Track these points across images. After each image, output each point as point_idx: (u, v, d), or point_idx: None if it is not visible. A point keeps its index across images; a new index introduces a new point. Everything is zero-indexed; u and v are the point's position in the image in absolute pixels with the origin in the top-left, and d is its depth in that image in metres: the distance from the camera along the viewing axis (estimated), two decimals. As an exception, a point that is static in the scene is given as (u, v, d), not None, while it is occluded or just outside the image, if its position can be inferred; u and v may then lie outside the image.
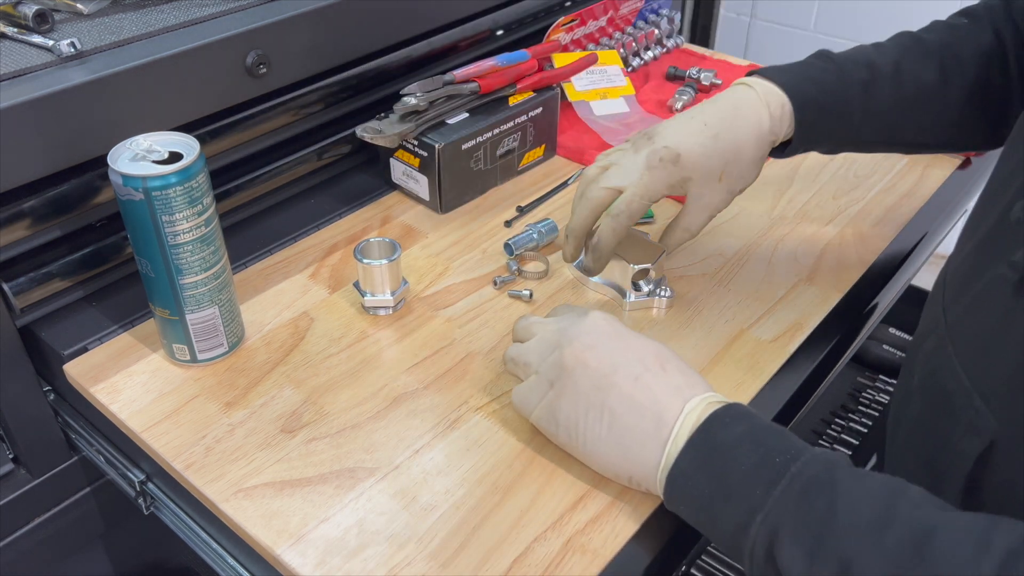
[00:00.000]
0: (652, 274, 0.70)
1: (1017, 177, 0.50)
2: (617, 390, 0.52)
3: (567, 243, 0.70)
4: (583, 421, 0.53)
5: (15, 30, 0.67)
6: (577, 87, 0.99)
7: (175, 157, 0.57)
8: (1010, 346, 0.46)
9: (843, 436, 0.91)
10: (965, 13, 0.70)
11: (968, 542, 0.39)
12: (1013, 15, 0.66)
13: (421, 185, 0.82)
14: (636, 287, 0.70)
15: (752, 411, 0.51)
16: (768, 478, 0.46)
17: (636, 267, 0.69)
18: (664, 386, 0.52)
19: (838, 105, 0.66)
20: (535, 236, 0.76)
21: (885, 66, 0.67)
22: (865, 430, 0.92)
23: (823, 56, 0.69)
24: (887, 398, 0.97)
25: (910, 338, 1.03)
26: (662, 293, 0.70)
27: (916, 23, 0.73)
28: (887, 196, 0.85)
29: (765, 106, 0.65)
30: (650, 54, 1.12)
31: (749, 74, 0.68)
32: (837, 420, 0.94)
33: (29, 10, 0.66)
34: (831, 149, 0.71)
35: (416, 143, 0.80)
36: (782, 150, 0.69)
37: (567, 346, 0.54)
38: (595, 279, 0.72)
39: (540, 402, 0.55)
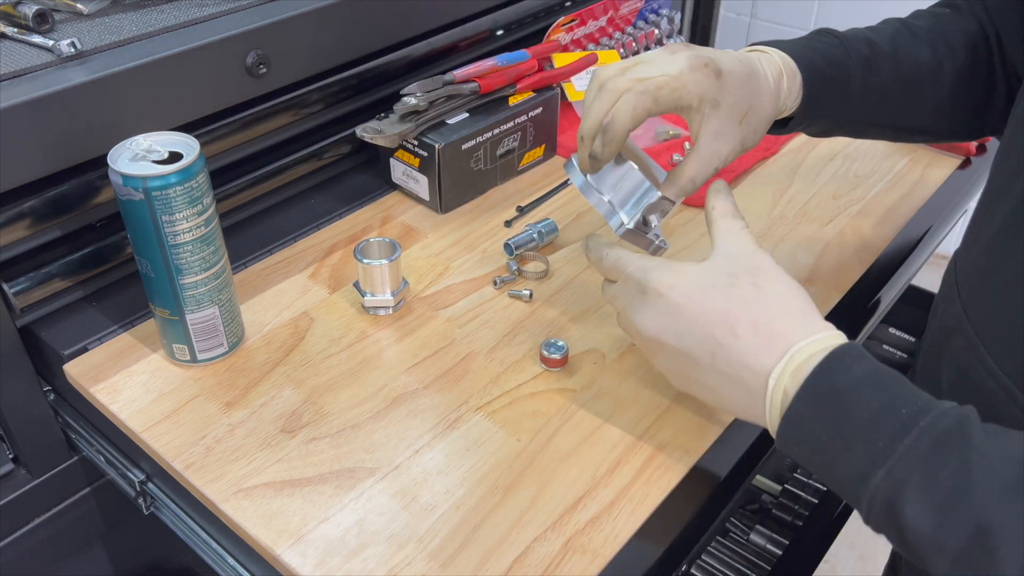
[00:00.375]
0: (656, 221, 0.62)
1: (1019, 182, 0.50)
2: (701, 368, 0.51)
3: (580, 147, 0.61)
4: (680, 384, 0.54)
5: (15, 30, 0.67)
6: (577, 87, 0.99)
7: (175, 157, 0.57)
8: None
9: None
10: (946, 3, 0.70)
11: None
12: (989, 11, 0.67)
13: (421, 185, 0.82)
14: (644, 221, 0.61)
15: (865, 352, 0.48)
16: (892, 430, 0.44)
17: (657, 195, 0.61)
18: (742, 355, 0.49)
19: (842, 79, 0.65)
20: (535, 236, 0.76)
21: (883, 44, 0.66)
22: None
23: (826, 32, 0.68)
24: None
25: (910, 338, 1.03)
26: (661, 243, 0.62)
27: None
28: (887, 196, 0.85)
29: (781, 72, 0.63)
30: (650, 54, 1.12)
31: (751, 45, 0.66)
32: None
33: (29, 10, 0.66)
34: (825, 129, 0.69)
35: (416, 143, 0.80)
36: (782, 126, 0.66)
37: (636, 335, 0.54)
38: (599, 194, 0.62)
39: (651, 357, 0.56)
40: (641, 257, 0.56)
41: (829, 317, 0.70)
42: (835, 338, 0.49)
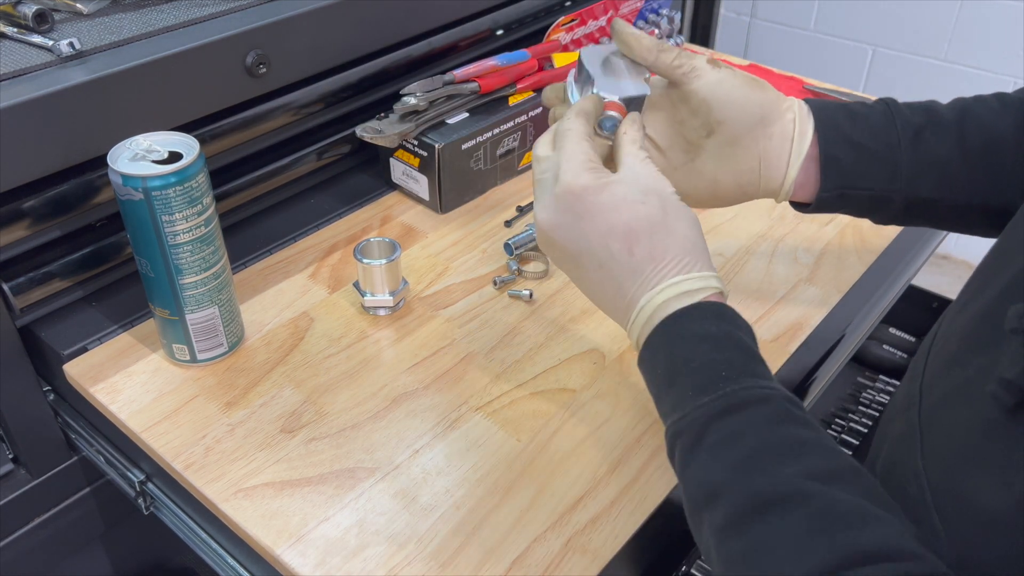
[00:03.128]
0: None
1: (1010, 269, 0.44)
2: (585, 272, 0.52)
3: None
4: (570, 274, 0.54)
5: (15, 30, 0.66)
6: (577, 87, 0.99)
7: (175, 157, 0.57)
8: (989, 477, 0.38)
9: (843, 436, 0.91)
10: None
11: (799, 545, 0.38)
12: None
13: (421, 185, 0.82)
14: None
15: (735, 317, 0.49)
16: (703, 384, 0.46)
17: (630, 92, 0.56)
18: (627, 273, 0.50)
19: (877, 146, 0.57)
20: (535, 236, 0.76)
21: (947, 113, 0.59)
22: (865, 430, 0.92)
23: (880, 100, 0.61)
24: (887, 398, 0.97)
25: (911, 338, 1.03)
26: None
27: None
28: (887, 196, 0.85)
29: (792, 111, 0.58)
30: (650, 54, 1.12)
31: None
32: (837, 420, 0.94)
33: (29, 10, 0.66)
34: (878, 207, 0.60)
35: (416, 143, 0.80)
36: (804, 205, 0.60)
37: (537, 216, 0.53)
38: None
39: (540, 243, 0.56)
40: (582, 142, 0.53)
41: (829, 317, 0.70)
42: (711, 279, 0.50)
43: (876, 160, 0.58)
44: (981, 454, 0.40)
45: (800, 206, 0.61)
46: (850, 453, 0.89)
